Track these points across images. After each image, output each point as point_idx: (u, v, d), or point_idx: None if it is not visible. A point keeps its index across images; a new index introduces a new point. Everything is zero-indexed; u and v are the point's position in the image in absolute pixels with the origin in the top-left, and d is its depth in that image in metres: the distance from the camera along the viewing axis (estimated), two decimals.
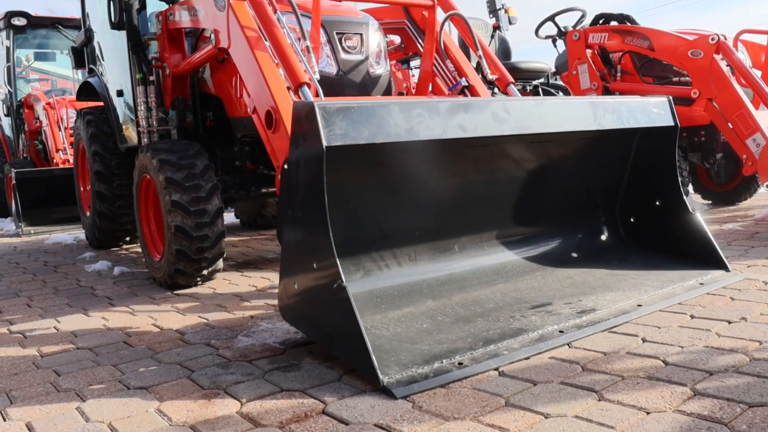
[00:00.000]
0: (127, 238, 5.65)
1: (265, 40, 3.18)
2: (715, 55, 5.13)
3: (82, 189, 5.96)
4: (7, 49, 9.24)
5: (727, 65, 5.17)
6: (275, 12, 3.19)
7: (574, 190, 3.46)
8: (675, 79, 5.79)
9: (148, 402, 2.12)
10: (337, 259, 2.14)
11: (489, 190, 3.12)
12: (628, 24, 5.95)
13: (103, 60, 5.23)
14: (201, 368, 2.41)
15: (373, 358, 2.03)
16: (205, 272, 3.78)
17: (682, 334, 2.40)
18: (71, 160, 7.73)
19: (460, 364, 2.15)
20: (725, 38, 5.21)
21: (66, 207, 7.23)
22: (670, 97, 3.32)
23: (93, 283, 4.21)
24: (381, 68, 3.75)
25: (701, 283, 2.99)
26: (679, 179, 3.33)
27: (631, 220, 3.54)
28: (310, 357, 2.43)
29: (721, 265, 3.16)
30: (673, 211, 3.31)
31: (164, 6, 4.29)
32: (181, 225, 3.54)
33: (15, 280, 4.49)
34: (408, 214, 2.88)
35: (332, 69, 3.51)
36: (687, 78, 5.53)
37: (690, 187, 6.09)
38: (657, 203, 3.39)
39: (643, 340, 2.37)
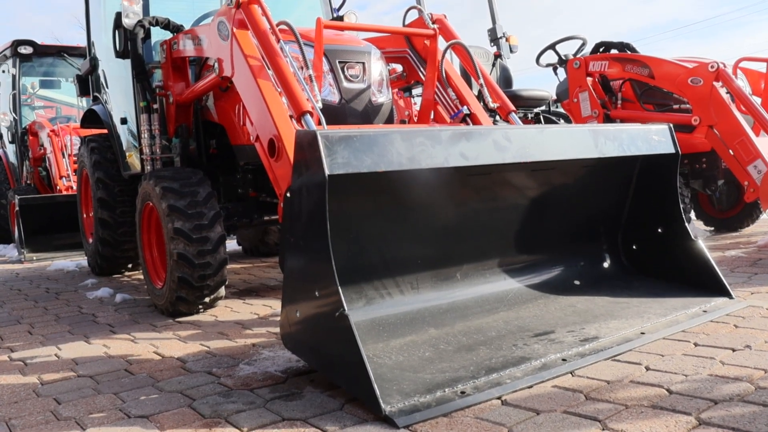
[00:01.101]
0: (130, 265, 5.65)
1: (268, 69, 3.21)
2: (714, 83, 5.17)
3: (84, 216, 5.98)
4: (13, 77, 9.31)
5: (727, 92, 5.21)
6: (278, 41, 3.23)
7: (575, 218, 3.46)
8: (675, 106, 5.82)
9: (149, 431, 2.10)
10: (339, 287, 2.14)
11: (491, 218, 3.12)
12: (628, 52, 6.00)
13: (107, 88, 5.27)
14: (202, 397, 2.39)
15: (375, 386, 2.02)
16: (207, 300, 3.77)
17: (686, 363, 2.39)
18: (74, 187, 7.75)
19: (462, 392, 2.14)
20: (725, 66, 5.26)
21: (69, 234, 7.24)
22: (671, 125, 3.33)
23: (94, 310, 4.20)
24: (383, 96, 3.78)
25: (704, 311, 2.98)
26: (681, 206, 3.33)
27: (634, 247, 3.54)
28: (312, 386, 2.42)
29: (724, 292, 3.16)
30: (676, 238, 3.31)
31: (169, 35, 4.34)
32: (184, 252, 3.55)
33: (16, 307, 4.48)
34: (410, 242, 2.88)
35: (335, 97, 3.53)
36: (687, 105, 5.56)
37: (692, 214, 6.10)
38: (659, 230, 3.39)
39: (647, 369, 2.36)
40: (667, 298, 3.13)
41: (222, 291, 3.84)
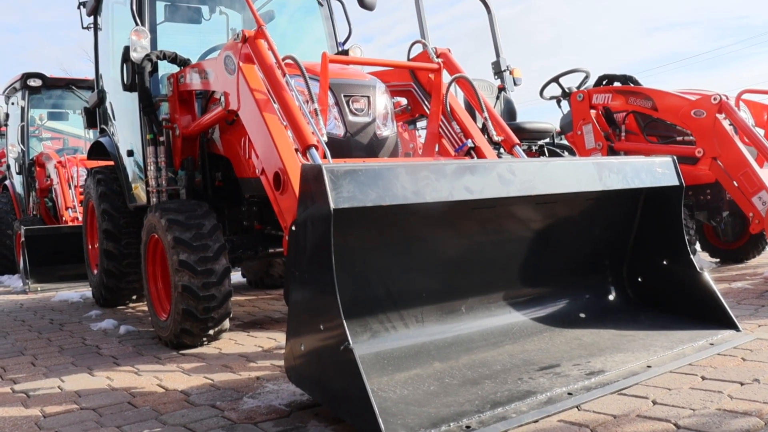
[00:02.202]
0: (134, 297, 5.65)
1: (274, 102, 3.25)
2: (717, 115, 5.19)
3: (90, 247, 5.99)
4: (22, 109, 9.42)
5: (730, 124, 5.23)
6: (284, 75, 3.27)
7: (580, 251, 3.46)
8: (679, 138, 5.85)
9: None
10: (344, 320, 2.14)
11: (496, 251, 3.12)
12: (631, 85, 6.04)
13: (114, 120, 5.33)
14: (206, 430, 2.38)
15: (380, 421, 2.00)
16: (211, 332, 3.76)
17: (693, 396, 2.37)
18: (80, 218, 7.79)
19: (467, 427, 2.12)
20: (727, 98, 5.29)
21: (73, 265, 7.26)
22: (675, 157, 3.35)
23: (98, 342, 4.20)
24: (388, 130, 3.81)
25: (711, 344, 2.96)
26: (686, 238, 3.33)
27: (639, 279, 3.52)
28: (316, 420, 2.40)
29: (731, 324, 3.14)
30: (681, 270, 3.30)
31: (176, 68, 4.39)
32: (189, 285, 3.55)
33: (20, 338, 4.47)
34: (415, 276, 2.88)
35: (340, 131, 3.56)
36: (691, 137, 5.59)
37: (697, 246, 6.09)
38: (664, 263, 3.38)
39: (654, 403, 2.34)
40: (674, 330, 3.11)
41: (226, 323, 3.83)
